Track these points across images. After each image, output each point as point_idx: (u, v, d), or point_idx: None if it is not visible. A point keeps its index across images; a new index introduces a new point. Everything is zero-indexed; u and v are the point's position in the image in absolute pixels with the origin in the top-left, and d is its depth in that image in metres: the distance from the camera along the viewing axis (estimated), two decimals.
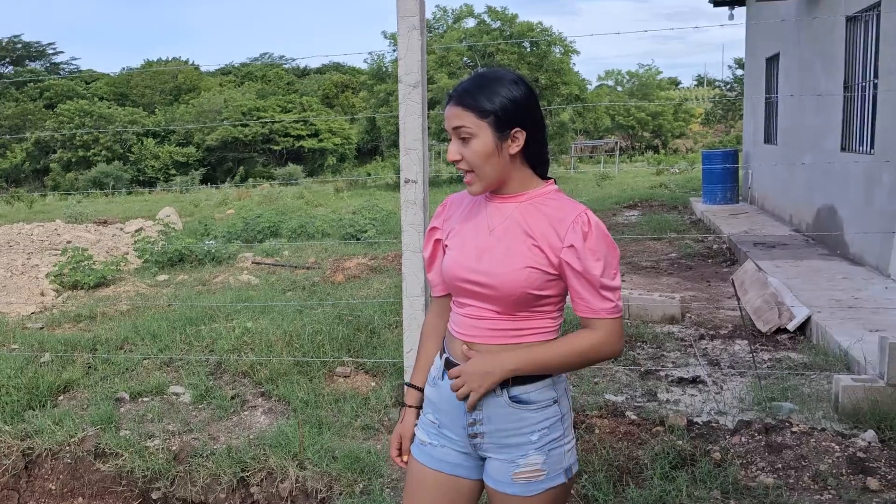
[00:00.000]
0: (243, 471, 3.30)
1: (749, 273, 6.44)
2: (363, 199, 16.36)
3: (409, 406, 1.87)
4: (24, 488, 3.56)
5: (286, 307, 5.75)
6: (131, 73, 46.69)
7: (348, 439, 3.54)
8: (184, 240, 9.04)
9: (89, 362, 4.69)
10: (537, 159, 1.70)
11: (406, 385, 1.90)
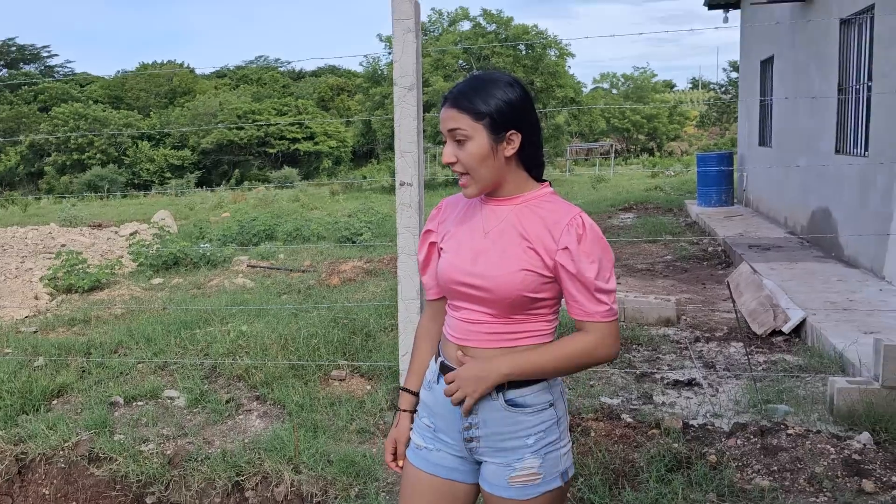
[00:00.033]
0: (238, 475, 3.29)
1: (744, 275, 6.45)
2: (359, 202, 16.36)
3: (404, 410, 1.86)
4: (18, 493, 3.54)
5: (281, 310, 5.73)
6: (126, 76, 46.60)
7: (343, 443, 3.53)
8: (179, 243, 9.02)
9: (83, 366, 4.67)
10: (532, 162, 1.70)
11: (400, 389, 1.89)
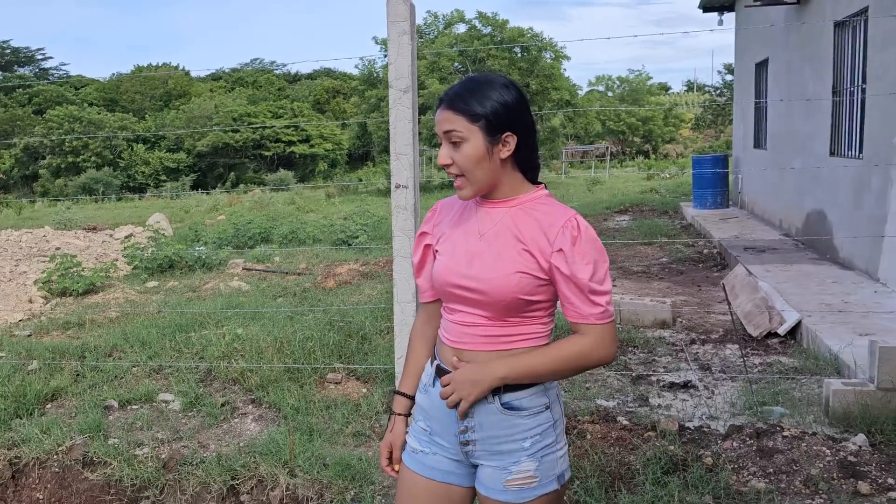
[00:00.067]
0: (233, 479, 3.28)
1: (740, 277, 6.46)
2: (354, 205, 16.35)
3: (398, 414, 1.84)
4: (11, 498, 3.52)
5: (277, 313, 5.72)
6: (121, 79, 46.48)
7: (339, 446, 3.52)
8: (174, 246, 8.99)
9: (78, 370, 4.65)
10: (528, 164, 1.69)
11: (395, 393, 1.87)
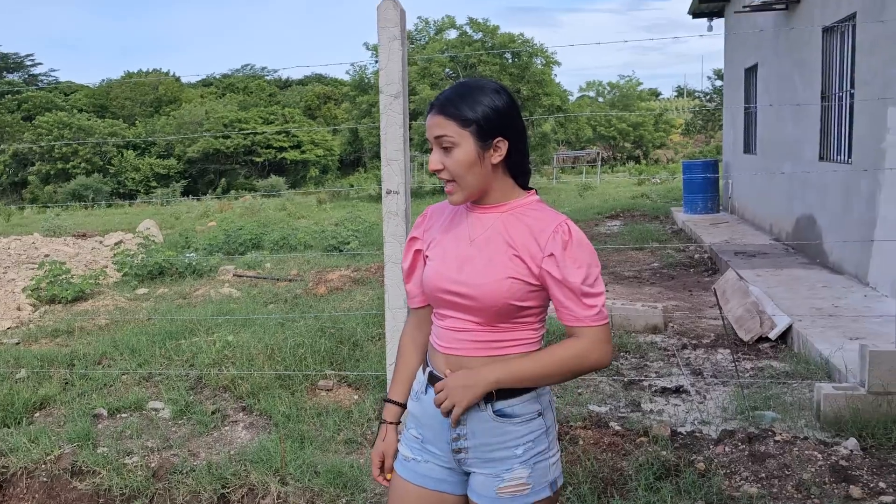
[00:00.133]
0: (224, 487, 3.25)
1: (730, 282, 6.48)
2: (346, 211, 16.32)
3: (390, 423, 1.82)
4: None
5: (268, 320, 5.69)
6: (111, 85, 46.30)
7: (331, 454, 3.50)
8: (164, 252, 8.95)
9: (66, 378, 4.61)
10: (519, 169, 1.69)
11: (385, 400, 1.85)
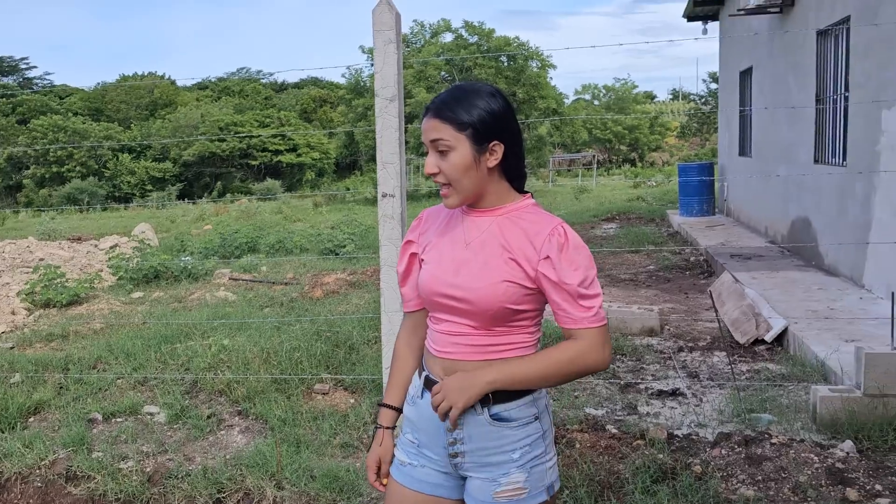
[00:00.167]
0: (219, 492, 3.24)
1: (726, 285, 6.49)
2: (342, 214, 16.31)
3: (386, 427, 1.81)
4: None
5: (264, 324, 5.68)
6: (106, 88, 46.21)
7: (327, 458, 3.49)
8: (159, 256, 8.93)
9: (61, 382, 4.59)
10: (514, 173, 1.69)
11: (380, 405, 1.84)
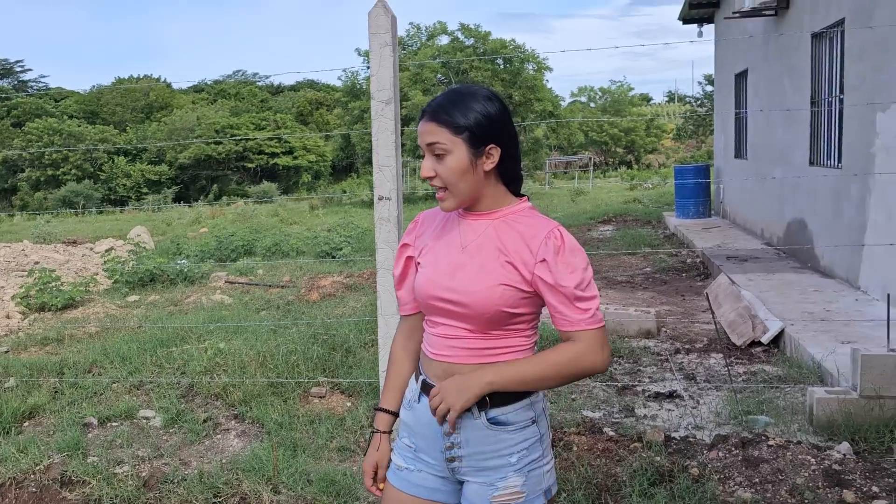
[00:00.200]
0: (216, 496, 3.22)
1: (723, 287, 6.50)
2: (338, 217, 16.30)
3: (383, 432, 1.80)
4: None
5: (260, 327, 5.66)
6: (102, 91, 46.13)
7: (324, 461, 3.48)
8: (155, 259, 8.91)
9: (56, 387, 4.57)
10: (511, 176, 1.68)
11: (377, 409, 1.83)
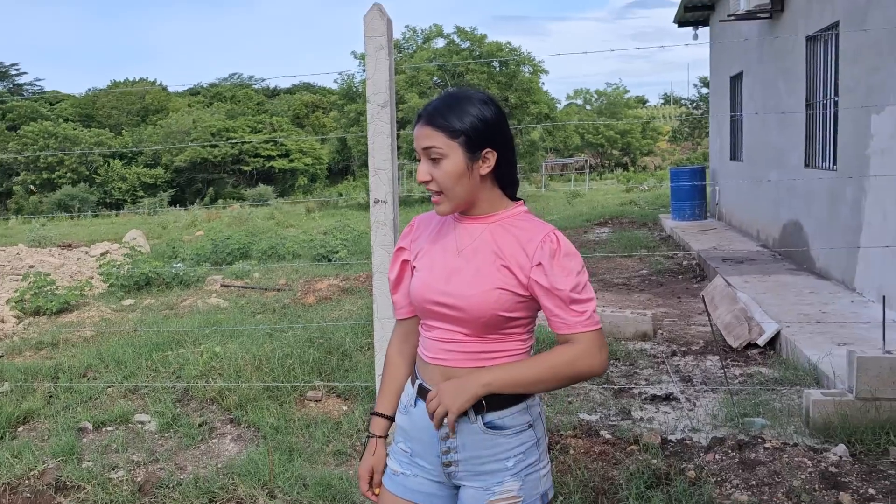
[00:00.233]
0: (211, 501, 3.21)
1: (719, 289, 6.50)
2: (334, 220, 16.28)
3: (378, 436, 1.79)
4: None
5: (256, 330, 5.65)
6: (97, 94, 46.05)
7: (320, 466, 3.47)
8: (151, 263, 8.89)
9: (51, 391, 4.55)
10: (507, 180, 1.68)
11: (372, 414, 1.82)
